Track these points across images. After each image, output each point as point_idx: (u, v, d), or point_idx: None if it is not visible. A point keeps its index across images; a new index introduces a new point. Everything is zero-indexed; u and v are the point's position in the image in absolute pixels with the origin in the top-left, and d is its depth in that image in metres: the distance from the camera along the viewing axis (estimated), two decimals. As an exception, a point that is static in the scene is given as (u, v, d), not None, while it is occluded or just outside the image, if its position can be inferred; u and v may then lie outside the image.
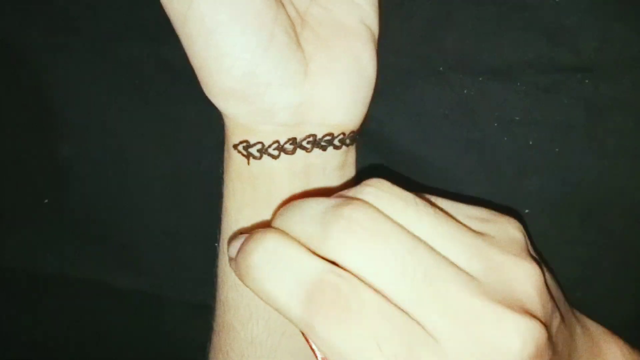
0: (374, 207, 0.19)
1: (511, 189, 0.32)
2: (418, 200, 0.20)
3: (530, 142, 0.31)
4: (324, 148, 0.24)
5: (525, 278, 0.19)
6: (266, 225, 0.21)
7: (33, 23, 0.35)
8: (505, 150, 0.32)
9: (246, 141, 0.24)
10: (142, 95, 0.27)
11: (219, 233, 0.27)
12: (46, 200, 0.38)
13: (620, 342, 0.27)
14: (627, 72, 0.30)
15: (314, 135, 0.24)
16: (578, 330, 0.25)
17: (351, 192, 0.20)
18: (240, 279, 0.19)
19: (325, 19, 0.25)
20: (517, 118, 0.31)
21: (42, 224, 0.39)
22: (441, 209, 0.21)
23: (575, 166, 0.31)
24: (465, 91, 0.31)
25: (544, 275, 0.20)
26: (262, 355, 0.25)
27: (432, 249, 0.18)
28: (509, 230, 0.21)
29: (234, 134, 0.24)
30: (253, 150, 0.24)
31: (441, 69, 0.31)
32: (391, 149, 0.33)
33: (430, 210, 0.19)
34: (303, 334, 0.19)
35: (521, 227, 0.22)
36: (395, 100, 0.32)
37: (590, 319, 0.28)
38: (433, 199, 0.22)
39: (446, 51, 0.31)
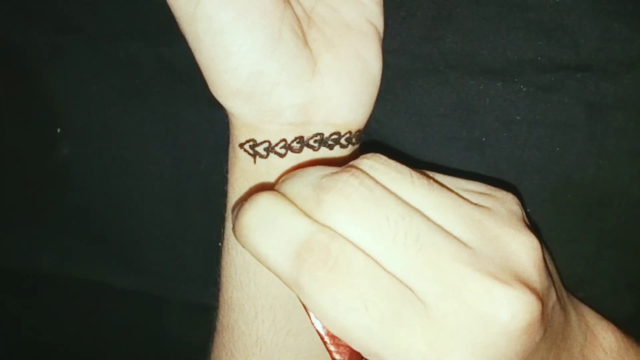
0: (370, 176, 0.19)
1: (512, 187, 0.32)
2: (414, 172, 0.20)
3: (531, 142, 0.31)
4: (331, 147, 0.24)
5: (523, 251, 0.19)
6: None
7: (33, 23, 0.35)
8: (505, 150, 0.32)
9: (253, 140, 0.24)
10: (142, 95, 0.27)
11: (223, 232, 0.27)
12: (46, 200, 0.38)
13: (613, 328, 0.27)
14: (627, 71, 0.30)
15: (321, 134, 0.24)
16: (573, 313, 0.24)
17: (349, 163, 0.20)
18: (237, 240, 0.19)
19: (331, 18, 0.25)
20: (518, 117, 0.31)
21: (42, 224, 0.39)
22: (438, 182, 0.20)
23: (576, 165, 0.31)
24: (465, 91, 0.31)
25: (542, 250, 0.20)
26: (266, 354, 0.25)
27: (425, 217, 0.18)
28: (507, 203, 0.21)
29: (241, 133, 0.24)
30: (260, 149, 0.24)
31: (441, 68, 0.31)
32: (391, 149, 0.33)
33: (425, 181, 0.19)
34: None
35: (518, 201, 0.22)
36: (395, 100, 0.32)
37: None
38: (431, 174, 0.22)
39: (446, 51, 0.31)
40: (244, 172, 0.25)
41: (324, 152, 0.25)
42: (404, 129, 0.33)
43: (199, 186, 0.30)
